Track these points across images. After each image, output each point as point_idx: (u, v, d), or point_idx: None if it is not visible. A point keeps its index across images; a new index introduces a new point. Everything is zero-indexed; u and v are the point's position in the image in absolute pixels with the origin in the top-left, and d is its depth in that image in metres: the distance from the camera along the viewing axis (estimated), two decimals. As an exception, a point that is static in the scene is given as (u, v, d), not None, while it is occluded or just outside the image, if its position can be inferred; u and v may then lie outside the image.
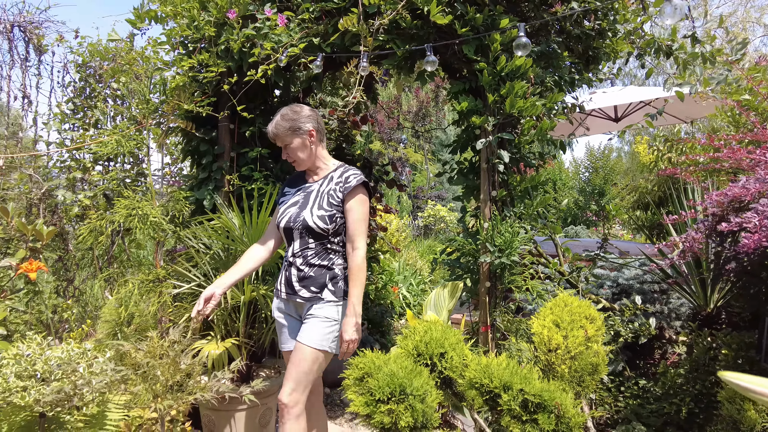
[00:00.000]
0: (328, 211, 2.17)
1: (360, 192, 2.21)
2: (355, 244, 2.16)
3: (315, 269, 2.20)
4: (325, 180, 2.26)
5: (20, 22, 4.20)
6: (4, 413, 2.34)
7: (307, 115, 2.25)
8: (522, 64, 2.61)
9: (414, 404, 1.64)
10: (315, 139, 2.26)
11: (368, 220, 2.24)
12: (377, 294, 5.40)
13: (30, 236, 3.19)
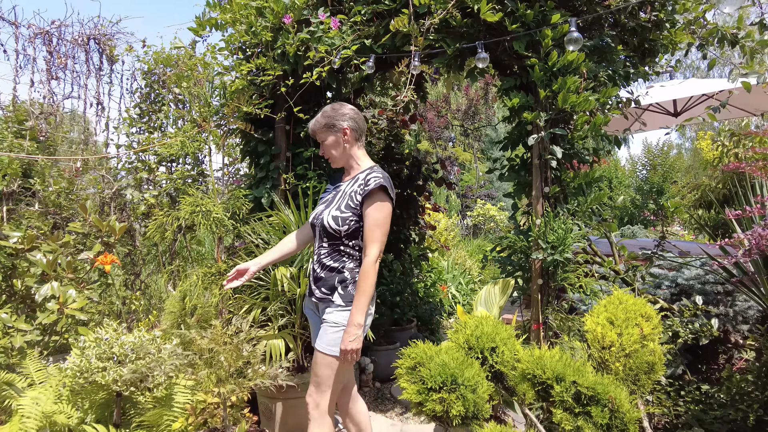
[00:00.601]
0: (343, 213, 2.13)
1: (378, 196, 2.10)
2: (367, 250, 2.08)
3: (326, 271, 2.17)
4: (353, 181, 2.21)
5: (95, 35, 4.53)
6: (86, 392, 2.55)
7: (345, 113, 2.22)
8: (574, 59, 2.58)
9: (465, 394, 1.67)
10: (349, 137, 2.22)
11: (387, 226, 2.12)
12: (426, 292, 5.43)
13: (105, 231, 3.44)
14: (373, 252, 2.07)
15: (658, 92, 5.66)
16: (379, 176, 2.14)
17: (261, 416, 2.99)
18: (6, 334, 2.95)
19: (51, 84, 4.34)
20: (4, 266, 3.28)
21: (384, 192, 2.12)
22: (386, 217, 2.12)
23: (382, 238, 2.09)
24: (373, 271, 2.05)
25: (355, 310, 2.03)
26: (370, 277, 2.04)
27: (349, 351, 2.02)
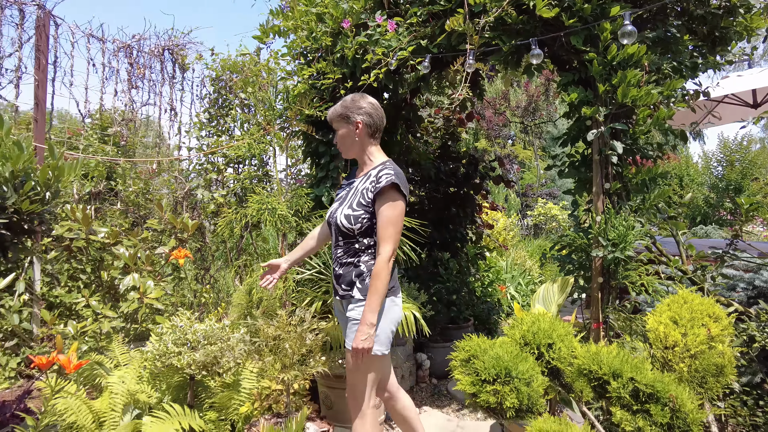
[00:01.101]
0: (355, 211, 2.12)
1: (390, 194, 2.06)
2: (379, 248, 2.04)
3: (344, 267, 2.16)
4: (365, 177, 2.18)
5: (169, 45, 4.86)
6: (163, 375, 2.77)
7: (362, 106, 2.18)
8: (634, 51, 2.51)
9: (519, 387, 1.69)
10: (361, 132, 2.18)
11: (400, 224, 2.08)
12: (483, 291, 5.41)
13: (178, 228, 3.71)
14: (386, 251, 2.02)
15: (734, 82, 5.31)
16: (390, 173, 2.08)
17: (321, 405, 3.11)
18: (96, 320, 3.26)
19: (131, 93, 4.71)
20: (94, 259, 3.61)
21: (396, 189, 2.06)
22: (399, 215, 2.07)
23: (395, 236, 2.05)
24: (385, 270, 2.00)
25: (367, 309, 1.99)
26: (383, 277, 1.99)
27: (361, 350, 1.98)
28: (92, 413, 2.48)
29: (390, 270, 2.02)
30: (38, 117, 3.73)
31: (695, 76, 2.97)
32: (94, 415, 2.49)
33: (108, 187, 4.61)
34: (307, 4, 3.36)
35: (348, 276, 2.14)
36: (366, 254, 2.14)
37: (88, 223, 3.40)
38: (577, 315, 3.69)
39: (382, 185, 2.05)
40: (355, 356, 2.02)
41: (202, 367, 2.41)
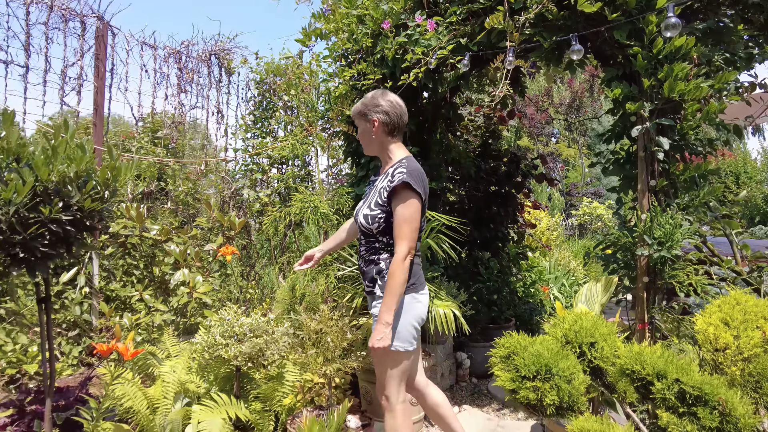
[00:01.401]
0: (373, 211, 2.13)
1: (403, 192, 2.04)
2: (395, 247, 2.04)
3: (367, 264, 2.20)
4: (384, 175, 2.18)
5: (216, 50, 5.05)
6: (211, 366, 2.90)
7: (380, 104, 2.18)
8: (682, 44, 2.43)
9: (560, 384, 1.69)
10: (378, 129, 2.18)
11: (415, 222, 2.05)
12: (525, 291, 5.33)
13: (226, 226, 3.85)
14: (401, 250, 2.01)
15: (795, 74, 5.02)
16: (403, 171, 2.06)
17: (362, 399, 3.17)
18: (148, 313, 3.43)
19: (180, 96, 4.92)
20: (146, 255, 3.80)
21: (408, 188, 2.03)
22: (413, 214, 2.04)
23: (410, 234, 2.03)
24: (401, 269, 1.99)
25: (383, 308, 2.00)
26: (397, 276, 1.98)
27: (377, 349, 2.00)
28: (147, 399, 2.63)
29: (406, 269, 2.01)
30: (97, 121, 3.95)
31: (750, 68, 2.84)
32: (148, 401, 2.63)
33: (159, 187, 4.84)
34: (348, 6, 3.43)
35: (370, 273, 2.17)
36: (385, 252, 2.15)
37: (142, 221, 3.59)
38: (622, 316, 3.59)
39: (394, 184, 2.05)
40: (374, 353, 2.06)
41: (248, 359, 2.51)
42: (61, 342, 3.70)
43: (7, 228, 2.17)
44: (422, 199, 2.09)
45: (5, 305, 3.49)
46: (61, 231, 2.34)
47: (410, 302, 2.10)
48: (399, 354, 2.08)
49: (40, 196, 2.26)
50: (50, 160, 2.27)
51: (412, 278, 2.12)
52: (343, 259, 3.36)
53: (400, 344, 2.06)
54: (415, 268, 2.15)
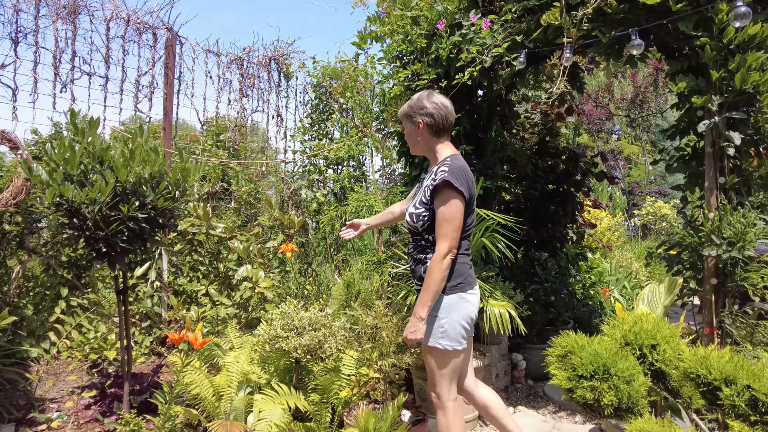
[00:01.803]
0: (417, 209, 2.16)
1: (445, 191, 2.04)
2: (436, 245, 2.05)
3: (415, 263, 2.23)
4: (430, 174, 2.19)
5: (275, 56, 5.25)
6: (271, 359, 3.03)
7: (425, 106, 2.20)
8: (757, 32, 2.30)
9: (618, 385, 1.65)
10: (423, 131, 2.20)
11: (456, 221, 2.04)
12: (584, 293, 5.18)
13: (286, 224, 4.00)
14: (442, 248, 2.01)
15: None
16: (445, 170, 2.06)
17: (416, 396, 3.21)
18: (213, 307, 3.63)
19: (242, 101, 5.15)
20: (211, 252, 4.02)
21: (450, 187, 2.02)
22: (455, 212, 2.04)
23: (451, 233, 2.02)
24: (438, 267, 2.00)
25: (418, 303, 2.03)
26: (435, 273, 2.00)
27: (409, 340, 2.04)
28: (212, 387, 2.79)
29: (445, 267, 2.01)
30: (166, 126, 4.22)
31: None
32: (214, 389, 2.79)
33: (222, 187, 5.09)
34: (402, 8, 3.47)
35: (418, 272, 2.20)
36: (432, 251, 2.13)
37: (208, 220, 3.79)
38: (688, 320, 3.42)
39: (436, 183, 2.05)
40: (424, 353, 2.13)
41: (307, 351, 2.61)
42: (134, 332, 3.98)
43: (92, 225, 2.38)
44: (465, 198, 2.07)
45: (88, 296, 3.80)
46: (138, 228, 2.53)
47: (458, 302, 2.11)
48: (448, 353, 2.09)
49: (120, 196, 2.45)
50: (128, 162, 2.46)
51: (460, 277, 2.13)
52: (398, 258, 3.41)
53: (448, 343, 2.08)
54: (462, 268, 2.15)
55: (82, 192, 2.31)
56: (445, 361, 2.12)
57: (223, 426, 2.33)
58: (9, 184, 3.51)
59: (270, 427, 2.54)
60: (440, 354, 2.10)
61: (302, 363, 2.94)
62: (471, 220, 2.20)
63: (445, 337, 2.07)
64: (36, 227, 3.89)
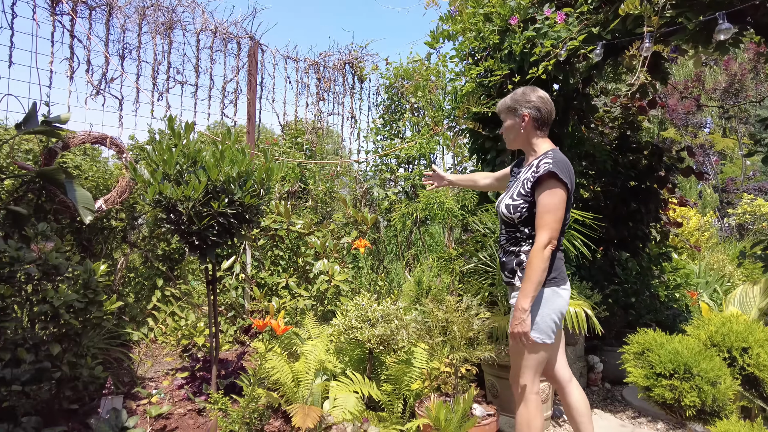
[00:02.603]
0: (515, 201, 2.17)
1: (548, 182, 2.04)
2: (536, 236, 2.05)
3: (507, 255, 2.25)
4: (528, 167, 2.21)
5: (349, 59, 5.42)
6: (345, 349, 3.16)
7: (531, 100, 2.20)
8: None
9: (701, 385, 1.59)
10: (528, 124, 2.21)
11: (559, 212, 2.04)
12: (669, 295, 4.89)
13: (360, 221, 4.14)
14: (542, 238, 2.01)
15: None
16: (549, 162, 2.07)
17: (487, 392, 3.21)
18: (293, 298, 3.83)
19: (319, 104, 5.36)
20: (291, 247, 4.23)
21: (554, 177, 2.03)
22: (558, 203, 2.04)
23: (553, 224, 2.03)
24: (539, 257, 2.00)
25: (521, 295, 2.03)
26: (535, 264, 2.00)
27: (516, 334, 2.04)
28: (292, 373, 2.96)
29: (546, 258, 2.01)
30: (250, 129, 4.50)
31: None
32: (293, 374, 2.96)
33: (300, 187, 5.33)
34: (474, 5, 3.48)
35: (510, 264, 2.22)
36: (527, 243, 2.16)
37: (289, 217, 4.01)
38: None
39: (539, 174, 2.06)
40: (512, 340, 2.11)
41: (380, 342, 2.70)
42: (220, 321, 4.28)
43: (186, 220, 2.61)
44: (568, 191, 2.07)
45: (180, 287, 4.15)
46: (226, 223, 2.75)
47: (551, 295, 2.11)
48: (536, 345, 2.10)
49: (211, 194, 2.67)
50: (218, 162, 2.67)
51: (554, 272, 2.14)
52: (469, 254, 3.43)
53: (538, 335, 2.08)
54: (557, 263, 2.16)
55: (178, 190, 2.54)
56: (533, 353, 2.12)
57: (302, 409, 2.47)
58: (115, 185, 3.92)
59: (345, 414, 2.66)
60: (530, 346, 2.11)
61: (375, 354, 3.04)
62: (568, 216, 2.21)
63: (536, 330, 2.09)
64: (137, 223, 4.30)
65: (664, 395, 1.60)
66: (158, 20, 4.09)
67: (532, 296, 2.02)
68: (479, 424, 2.45)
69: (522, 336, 2.04)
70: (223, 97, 4.62)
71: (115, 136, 3.83)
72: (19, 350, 2.36)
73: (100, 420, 2.53)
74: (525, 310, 2.03)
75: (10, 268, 2.40)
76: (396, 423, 2.66)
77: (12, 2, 3.49)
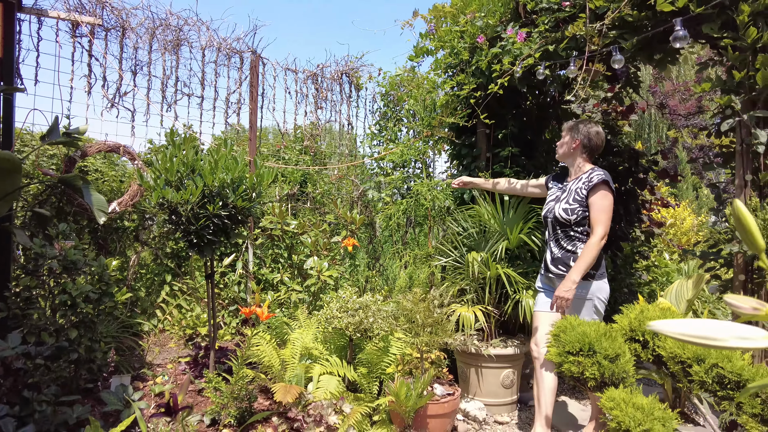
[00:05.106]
0: (571, 205, 2.74)
1: (601, 188, 2.66)
2: (593, 230, 2.63)
3: (563, 251, 2.78)
4: (577, 180, 2.80)
5: (346, 70, 5.76)
6: (331, 338, 3.50)
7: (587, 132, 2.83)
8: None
9: (601, 361, 1.88)
10: (577, 148, 2.84)
11: (610, 212, 2.64)
12: (651, 293, 5.12)
13: (349, 221, 4.47)
14: (599, 232, 2.59)
15: None
16: (601, 173, 2.70)
17: (459, 379, 3.51)
18: (288, 292, 4.18)
19: (317, 113, 5.71)
20: (288, 245, 4.59)
21: (606, 185, 2.66)
22: (609, 205, 2.65)
23: (607, 222, 2.61)
24: (596, 247, 2.57)
25: (574, 269, 2.59)
26: (592, 251, 2.57)
27: (560, 297, 2.58)
28: (279, 358, 3.30)
29: (600, 248, 2.58)
30: (251, 137, 4.87)
31: None
32: (281, 359, 3.31)
33: (301, 189, 5.69)
34: (452, 21, 3.79)
35: (566, 260, 2.75)
36: (579, 241, 2.73)
37: (283, 217, 4.36)
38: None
39: (594, 182, 2.67)
40: (554, 302, 2.62)
41: (357, 329, 3.03)
42: (223, 314, 4.66)
43: (185, 220, 2.98)
44: (614, 196, 2.70)
45: (187, 282, 4.53)
46: (221, 223, 3.11)
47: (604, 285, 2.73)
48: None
49: (207, 198, 3.04)
50: (214, 170, 3.03)
51: (602, 267, 2.76)
52: (444, 253, 3.74)
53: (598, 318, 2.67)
54: (602, 259, 2.75)
55: (178, 194, 2.91)
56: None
57: (284, 387, 2.82)
58: (128, 189, 4.32)
59: (325, 394, 2.99)
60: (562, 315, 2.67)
61: (355, 341, 3.37)
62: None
63: (597, 314, 2.69)
64: (147, 224, 4.70)
65: (571, 369, 1.90)
66: (167, 38, 4.48)
67: (583, 272, 2.58)
68: (438, 401, 2.76)
69: (564, 301, 2.57)
70: (227, 108, 4.99)
71: (127, 144, 4.23)
72: (43, 334, 2.76)
73: (110, 393, 2.91)
74: (575, 282, 2.57)
75: (35, 262, 2.80)
76: (369, 402, 2.99)
77: (38, 27, 3.92)
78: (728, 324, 0.69)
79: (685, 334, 0.68)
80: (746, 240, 0.73)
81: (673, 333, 0.69)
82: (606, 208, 2.64)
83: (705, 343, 0.68)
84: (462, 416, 3.22)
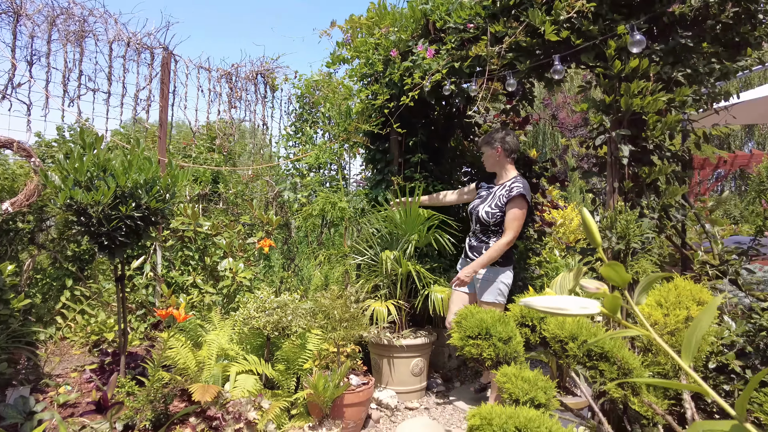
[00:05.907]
0: (492, 209, 3.28)
1: (518, 201, 3.19)
2: (504, 233, 3.21)
3: (479, 242, 3.35)
4: (501, 186, 3.34)
5: (261, 70, 5.77)
6: (248, 338, 3.55)
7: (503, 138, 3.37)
8: (637, 65, 2.81)
9: (496, 343, 2.16)
10: (501, 154, 3.37)
11: (521, 220, 3.21)
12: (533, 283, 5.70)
13: (265, 222, 4.52)
14: (508, 236, 3.17)
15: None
16: (520, 186, 3.23)
17: (372, 370, 3.72)
18: (200, 294, 4.14)
19: (231, 112, 5.67)
20: (200, 247, 4.53)
21: (523, 198, 3.19)
22: (522, 215, 3.20)
23: (517, 228, 3.20)
24: (503, 247, 3.16)
25: (479, 260, 3.20)
26: (497, 251, 3.16)
27: (459, 279, 3.25)
28: (195, 359, 3.30)
29: (503, 251, 3.18)
30: (161, 135, 4.74)
31: (711, 82, 3.14)
32: (197, 361, 3.31)
33: (212, 189, 5.60)
34: (367, 33, 3.99)
35: (480, 249, 3.32)
36: (494, 237, 3.29)
37: (196, 218, 4.31)
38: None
39: (514, 194, 3.20)
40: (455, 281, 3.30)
41: (275, 328, 3.12)
42: (131, 319, 4.49)
43: (96, 222, 2.90)
44: (529, 206, 3.27)
45: (90, 286, 4.32)
46: (134, 225, 3.05)
47: (510, 273, 3.31)
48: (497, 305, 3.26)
49: (119, 198, 2.97)
50: (127, 170, 2.98)
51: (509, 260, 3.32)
52: (359, 252, 3.93)
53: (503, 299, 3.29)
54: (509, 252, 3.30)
55: (88, 195, 2.83)
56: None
57: (202, 387, 2.84)
58: (23, 188, 4.03)
59: (243, 392, 3.05)
60: (497, 307, 3.21)
61: (273, 339, 3.45)
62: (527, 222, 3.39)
63: (501, 295, 3.27)
64: (45, 225, 4.41)
65: (471, 351, 2.16)
66: (69, 29, 4.24)
67: (483, 266, 3.21)
68: (354, 391, 2.94)
69: (461, 282, 3.24)
70: (136, 104, 4.81)
71: (22, 140, 3.95)
72: (-72, 343, 2.55)
73: (7, 406, 2.75)
74: (475, 271, 3.23)
75: None
76: (287, 396, 3.09)
77: None
78: (575, 298, 0.94)
79: (546, 306, 0.92)
80: (589, 237, 0.99)
81: (538, 306, 0.93)
82: (519, 217, 3.21)
83: (559, 312, 0.92)
84: (375, 405, 3.43)
